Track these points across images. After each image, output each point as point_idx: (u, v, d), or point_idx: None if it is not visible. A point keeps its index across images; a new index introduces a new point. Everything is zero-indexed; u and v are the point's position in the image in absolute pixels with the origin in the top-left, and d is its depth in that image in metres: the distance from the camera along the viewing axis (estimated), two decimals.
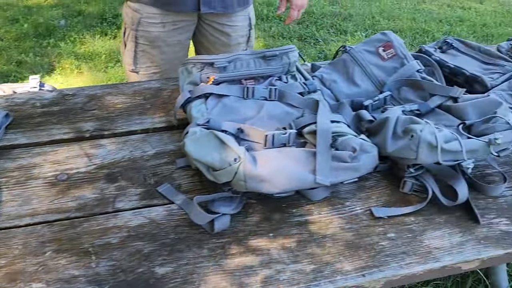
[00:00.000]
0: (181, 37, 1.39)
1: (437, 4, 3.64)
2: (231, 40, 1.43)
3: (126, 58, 1.42)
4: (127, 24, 1.37)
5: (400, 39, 1.09)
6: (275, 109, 0.94)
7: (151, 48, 1.37)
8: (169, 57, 1.39)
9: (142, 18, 1.32)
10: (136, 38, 1.36)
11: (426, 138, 0.76)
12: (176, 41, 1.38)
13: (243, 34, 1.44)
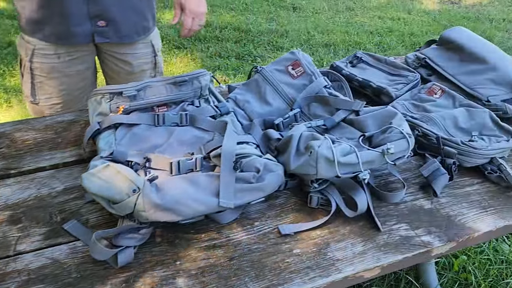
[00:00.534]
0: (79, 67, 1.35)
1: (369, 16, 3.81)
2: (134, 68, 1.40)
3: (24, 89, 1.36)
4: (22, 55, 1.33)
5: (308, 56, 1.14)
6: (186, 134, 0.95)
7: (48, 80, 1.33)
8: (69, 88, 1.35)
9: (36, 50, 1.28)
10: (31, 70, 1.31)
11: (323, 154, 0.79)
12: (74, 71, 1.34)
13: (147, 61, 1.43)
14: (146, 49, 1.41)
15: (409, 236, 0.80)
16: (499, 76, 1.13)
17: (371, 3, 4.11)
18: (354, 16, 3.82)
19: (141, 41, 1.38)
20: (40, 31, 1.25)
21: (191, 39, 3.29)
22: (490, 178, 0.92)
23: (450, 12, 3.89)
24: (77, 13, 1.22)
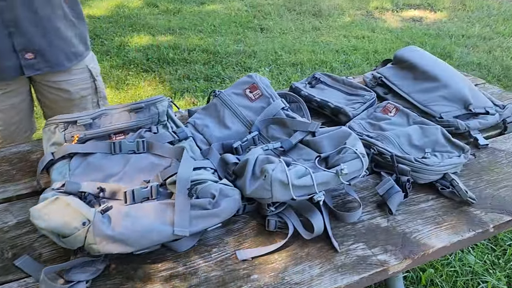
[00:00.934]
0: (14, 101, 1.32)
1: (334, 35, 3.91)
2: (72, 95, 1.39)
3: None
4: None
5: (266, 79, 1.15)
6: (143, 161, 0.94)
7: None
8: (5, 123, 1.31)
9: None
10: None
11: (278, 177, 0.79)
12: (8, 105, 1.31)
13: (85, 87, 1.41)
14: (82, 74, 1.40)
15: (366, 256, 0.80)
16: (450, 93, 1.17)
17: (336, 23, 4.22)
18: (320, 35, 3.91)
19: (75, 67, 1.36)
20: None
21: (159, 62, 3.29)
22: (444, 193, 0.94)
23: (412, 29, 4.03)
24: (2, 48, 1.19)
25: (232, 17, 4.34)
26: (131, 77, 3.07)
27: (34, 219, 0.71)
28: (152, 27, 4.01)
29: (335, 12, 4.49)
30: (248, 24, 4.15)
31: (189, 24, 4.11)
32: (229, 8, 4.60)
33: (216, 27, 4.06)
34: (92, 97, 1.45)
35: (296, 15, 4.44)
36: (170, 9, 4.57)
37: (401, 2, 4.74)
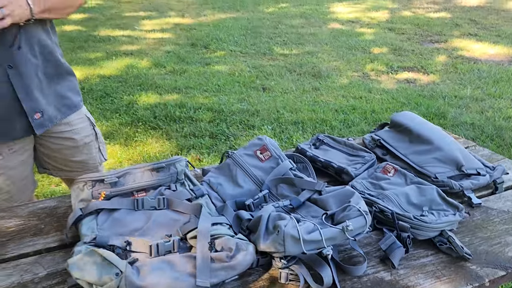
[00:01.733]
0: (22, 157, 1.41)
1: (333, 95, 4.10)
2: (77, 142, 1.48)
3: None
4: None
5: (275, 141, 1.26)
6: (163, 217, 1.02)
7: None
8: (15, 179, 1.40)
9: None
10: None
11: (290, 232, 0.87)
12: (18, 162, 1.39)
13: (88, 134, 1.52)
14: (83, 123, 1.51)
15: None
16: (443, 156, 1.27)
17: (335, 83, 4.44)
18: (320, 95, 4.10)
19: (76, 117, 1.47)
20: None
21: (166, 120, 3.44)
22: (442, 249, 1.02)
23: (407, 90, 4.24)
24: (12, 111, 1.29)
25: (236, 77, 4.57)
26: (139, 134, 3.21)
27: (71, 269, 0.78)
28: (160, 87, 4.22)
29: (334, 74, 4.73)
30: (251, 84, 4.36)
31: (195, 84, 4.33)
32: (232, 69, 4.85)
33: (220, 87, 4.27)
34: (94, 144, 1.56)
35: (297, 76, 4.67)
36: (177, 69, 4.81)
37: (395, 64, 5.00)
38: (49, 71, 1.36)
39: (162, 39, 6.23)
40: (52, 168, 1.54)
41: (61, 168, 1.53)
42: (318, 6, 8.82)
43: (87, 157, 1.55)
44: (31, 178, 1.50)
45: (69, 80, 1.47)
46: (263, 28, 6.84)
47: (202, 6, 8.90)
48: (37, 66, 1.31)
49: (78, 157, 1.52)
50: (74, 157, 1.51)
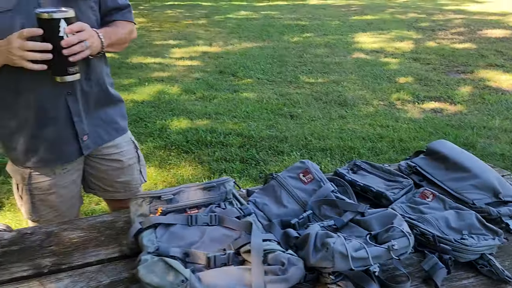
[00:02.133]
0: (73, 177, 1.52)
1: (360, 124, 4.16)
2: (123, 164, 1.60)
3: (24, 209, 1.52)
4: (17, 180, 1.47)
5: (316, 165, 1.33)
6: (216, 233, 1.10)
7: (48, 195, 1.48)
8: (66, 198, 1.51)
9: (32, 173, 1.44)
10: (30, 191, 1.46)
11: (338, 249, 0.93)
12: (69, 181, 1.51)
13: (132, 156, 1.63)
14: (128, 146, 1.62)
15: None
16: (480, 183, 1.32)
17: (361, 112, 4.50)
18: (347, 123, 4.17)
19: (122, 141, 1.58)
20: (33, 159, 1.41)
21: (198, 144, 3.56)
22: (482, 272, 1.06)
23: (434, 120, 4.26)
24: (66, 135, 1.41)
25: (264, 104, 4.68)
26: (173, 157, 3.32)
27: (141, 275, 0.86)
28: (190, 112, 4.36)
29: (359, 102, 4.80)
30: (279, 111, 4.47)
31: (224, 110, 4.46)
32: (260, 96, 4.98)
33: (249, 113, 4.39)
34: (137, 166, 1.67)
35: (323, 104, 4.76)
36: (206, 95, 4.97)
37: (421, 94, 5.04)
38: (101, 97, 1.48)
39: (191, 66, 6.44)
40: (98, 188, 1.64)
41: (106, 188, 1.64)
42: (342, 36, 8.99)
43: (130, 178, 1.65)
44: (78, 196, 1.61)
45: (118, 106, 1.59)
46: (289, 57, 7.01)
47: (229, 35, 9.18)
48: (92, 93, 1.43)
49: (122, 178, 1.62)
50: (119, 178, 1.61)
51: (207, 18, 11.91)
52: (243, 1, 16.64)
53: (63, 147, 1.44)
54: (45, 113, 1.36)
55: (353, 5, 15.05)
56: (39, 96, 1.33)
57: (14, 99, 1.34)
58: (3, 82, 1.31)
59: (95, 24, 1.38)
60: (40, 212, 1.51)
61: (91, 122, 1.47)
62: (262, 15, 12.50)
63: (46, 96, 1.33)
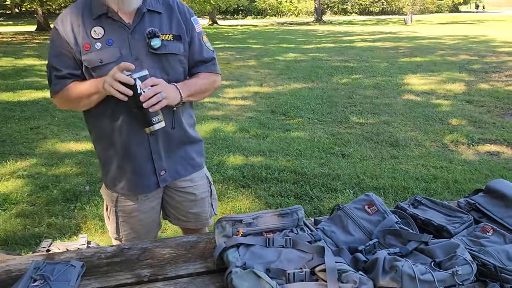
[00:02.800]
0: (153, 204, 1.72)
1: (413, 164, 4.19)
2: (196, 197, 1.76)
3: (110, 228, 1.73)
4: (107, 201, 1.70)
5: (380, 198, 1.45)
6: (291, 254, 1.23)
7: (129, 218, 1.69)
8: (145, 222, 1.71)
9: (119, 197, 1.67)
10: (116, 213, 1.68)
11: (407, 271, 1.04)
12: (149, 208, 1.71)
13: (205, 190, 1.79)
14: (202, 181, 1.79)
15: None
16: None
17: (413, 152, 4.53)
18: (399, 163, 4.21)
19: (197, 176, 1.76)
20: (119, 186, 1.65)
21: (254, 180, 3.73)
22: None
23: (490, 162, 4.22)
24: (146, 170, 1.62)
25: (315, 143, 4.83)
26: (231, 191, 3.51)
27: (235, 282, 1.01)
28: (245, 149, 4.58)
29: (411, 143, 4.83)
30: (330, 150, 4.59)
31: (277, 148, 4.64)
32: (311, 135, 5.13)
33: (301, 151, 4.54)
34: (208, 199, 1.84)
35: (374, 144, 4.84)
36: (259, 134, 5.20)
37: (475, 136, 5.00)
38: (181, 138, 1.69)
39: (244, 106, 6.75)
40: (172, 216, 1.83)
41: (179, 217, 1.82)
42: (392, 77, 9.08)
43: (201, 210, 1.82)
44: (157, 222, 1.80)
45: (197, 145, 1.78)
46: (338, 98, 7.17)
47: (279, 76, 9.53)
48: (173, 135, 1.64)
49: (195, 209, 1.80)
50: (191, 209, 1.79)
51: (256, 60, 12.43)
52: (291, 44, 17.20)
53: (142, 180, 1.64)
54: (129, 147, 1.58)
55: (401, 47, 15.16)
56: (127, 132, 1.56)
57: (111, 131, 1.57)
58: (106, 112, 1.54)
59: (182, 75, 1.61)
60: (122, 232, 1.71)
61: (170, 159, 1.67)
62: (310, 57, 12.88)
63: (132, 133, 1.56)
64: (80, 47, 1.46)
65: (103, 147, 1.64)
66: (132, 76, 1.38)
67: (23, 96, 7.47)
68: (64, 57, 1.49)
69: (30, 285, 1.12)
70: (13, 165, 4.16)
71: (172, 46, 1.55)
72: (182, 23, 1.59)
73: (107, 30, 1.47)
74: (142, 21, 1.51)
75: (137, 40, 1.50)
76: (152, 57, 1.51)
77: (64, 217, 3.01)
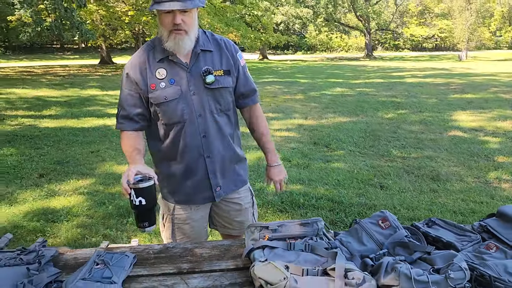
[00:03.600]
0: (203, 213, 1.97)
1: (452, 198, 4.21)
2: (241, 207, 2.01)
3: (165, 234, 1.99)
4: (164, 210, 1.97)
5: (394, 215, 1.62)
6: (309, 257, 1.43)
7: (184, 225, 1.94)
8: (196, 228, 1.96)
9: (175, 206, 1.93)
10: (172, 220, 1.94)
11: (404, 272, 1.21)
12: (200, 216, 1.96)
13: (248, 201, 2.05)
14: (246, 193, 2.04)
15: None
16: None
17: (454, 187, 4.54)
18: (438, 197, 4.24)
19: (243, 189, 2.02)
20: (177, 198, 1.92)
21: (292, 205, 3.92)
22: None
23: None
24: (202, 187, 1.89)
25: (354, 174, 4.95)
26: (269, 214, 3.71)
27: (256, 271, 1.23)
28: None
29: (453, 178, 4.83)
30: (369, 181, 4.69)
31: (316, 177, 4.81)
32: (351, 166, 5.26)
33: (339, 181, 4.68)
34: (251, 209, 2.08)
35: (414, 177, 4.88)
36: (300, 163, 5.39)
37: None
38: (232, 158, 1.96)
39: (288, 137, 7.00)
40: (219, 224, 2.07)
41: (225, 225, 2.06)
42: (439, 113, 9.02)
43: (245, 219, 2.06)
44: (205, 230, 2.05)
45: (243, 163, 2.05)
46: (382, 132, 7.25)
47: (324, 110, 9.74)
48: (225, 156, 1.91)
49: (239, 218, 2.04)
50: (237, 218, 2.04)
51: (303, 94, 12.74)
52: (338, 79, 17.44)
53: (200, 195, 1.92)
54: (188, 167, 1.86)
55: (453, 83, 14.95)
56: (189, 153, 1.84)
57: (172, 153, 1.86)
58: (168, 138, 1.84)
59: (231, 104, 1.91)
60: (176, 238, 1.97)
61: (224, 177, 1.94)
62: (357, 91, 13.02)
63: (192, 155, 1.84)
64: (147, 87, 1.76)
65: (164, 166, 1.92)
66: (138, 184, 1.55)
67: (86, 123, 8.18)
68: (132, 98, 1.79)
69: (94, 267, 1.39)
70: (76, 183, 4.62)
71: (223, 81, 1.83)
72: (230, 59, 1.87)
73: (169, 71, 1.77)
74: (198, 61, 1.80)
75: (194, 77, 1.78)
76: (207, 91, 1.80)
77: (117, 229, 3.35)
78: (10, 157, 5.66)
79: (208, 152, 1.84)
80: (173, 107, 1.76)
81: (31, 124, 7.97)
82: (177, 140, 1.81)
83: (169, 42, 1.70)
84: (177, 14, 1.65)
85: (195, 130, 1.79)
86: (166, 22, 1.68)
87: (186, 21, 1.69)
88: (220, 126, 1.85)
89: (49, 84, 15.02)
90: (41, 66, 26.69)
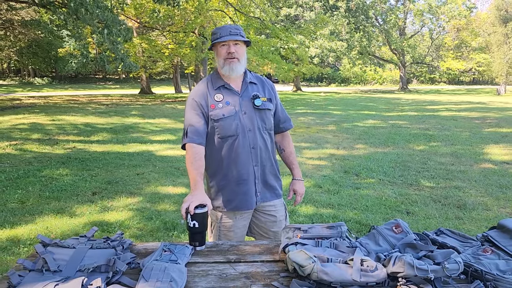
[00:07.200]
0: (245, 222, 2.34)
1: (476, 225, 4.38)
2: (276, 218, 2.37)
3: (212, 240, 2.34)
4: (213, 219, 2.34)
5: (406, 223, 1.94)
6: (333, 252, 1.77)
7: (228, 232, 2.31)
8: (238, 235, 2.32)
9: (222, 215, 2.30)
10: (219, 228, 2.31)
11: (408, 261, 1.53)
12: (243, 225, 2.33)
13: (282, 214, 2.40)
14: (281, 207, 2.41)
15: None
16: None
17: (480, 215, 4.70)
18: (462, 223, 4.43)
19: (278, 202, 2.38)
20: (223, 207, 2.30)
21: None
22: None
23: None
24: (250, 192, 2.27)
25: (382, 201, 5.20)
26: None
27: (290, 256, 1.58)
28: (317, 201, 5.10)
29: (479, 207, 4.99)
30: (396, 208, 4.93)
31: (346, 202, 5.09)
32: (380, 194, 5.51)
33: (368, 207, 4.94)
34: (284, 221, 2.44)
35: (441, 205, 5.08)
36: (331, 190, 5.69)
37: None
38: (271, 171, 2.35)
39: (319, 165, 7.31)
40: (256, 233, 2.44)
41: (262, 234, 2.42)
42: (471, 146, 9.10)
43: (279, 230, 2.41)
44: (244, 238, 2.42)
45: (279, 180, 2.44)
46: (412, 163, 7.44)
47: (356, 141, 10.00)
48: (266, 166, 2.31)
49: (274, 228, 2.40)
50: (272, 228, 2.39)
51: (336, 125, 13.04)
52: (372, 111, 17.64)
53: (249, 199, 2.30)
54: (242, 175, 2.26)
55: (488, 117, 14.88)
56: (240, 164, 2.24)
57: (228, 163, 2.27)
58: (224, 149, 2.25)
59: (272, 123, 2.34)
60: None
61: (263, 185, 2.34)
62: (389, 124, 13.21)
63: (243, 164, 2.24)
64: (208, 108, 2.23)
65: (218, 177, 2.31)
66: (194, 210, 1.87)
67: (130, 148, 8.80)
68: (198, 117, 2.23)
69: (162, 253, 1.78)
70: (125, 200, 5.11)
71: (268, 105, 2.31)
72: (271, 91, 2.38)
73: (225, 95, 2.25)
74: (247, 89, 2.29)
75: (244, 101, 2.25)
76: (255, 111, 2.26)
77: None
78: (66, 177, 6.26)
79: (255, 161, 2.24)
80: (229, 123, 2.20)
81: (81, 148, 8.66)
82: (231, 151, 2.23)
83: (225, 67, 2.20)
84: (231, 45, 2.18)
85: (245, 142, 2.22)
86: (222, 52, 2.19)
87: (238, 51, 2.20)
88: (265, 140, 2.28)
89: (95, 112, 16.03)
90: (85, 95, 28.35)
